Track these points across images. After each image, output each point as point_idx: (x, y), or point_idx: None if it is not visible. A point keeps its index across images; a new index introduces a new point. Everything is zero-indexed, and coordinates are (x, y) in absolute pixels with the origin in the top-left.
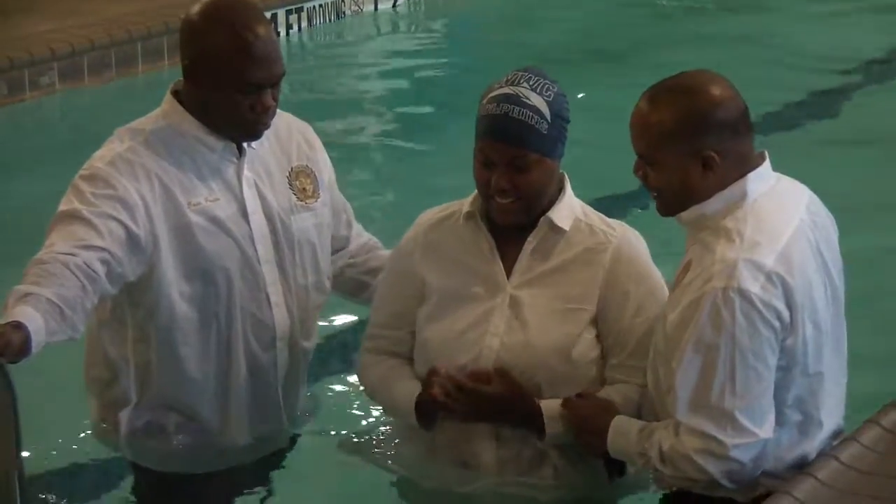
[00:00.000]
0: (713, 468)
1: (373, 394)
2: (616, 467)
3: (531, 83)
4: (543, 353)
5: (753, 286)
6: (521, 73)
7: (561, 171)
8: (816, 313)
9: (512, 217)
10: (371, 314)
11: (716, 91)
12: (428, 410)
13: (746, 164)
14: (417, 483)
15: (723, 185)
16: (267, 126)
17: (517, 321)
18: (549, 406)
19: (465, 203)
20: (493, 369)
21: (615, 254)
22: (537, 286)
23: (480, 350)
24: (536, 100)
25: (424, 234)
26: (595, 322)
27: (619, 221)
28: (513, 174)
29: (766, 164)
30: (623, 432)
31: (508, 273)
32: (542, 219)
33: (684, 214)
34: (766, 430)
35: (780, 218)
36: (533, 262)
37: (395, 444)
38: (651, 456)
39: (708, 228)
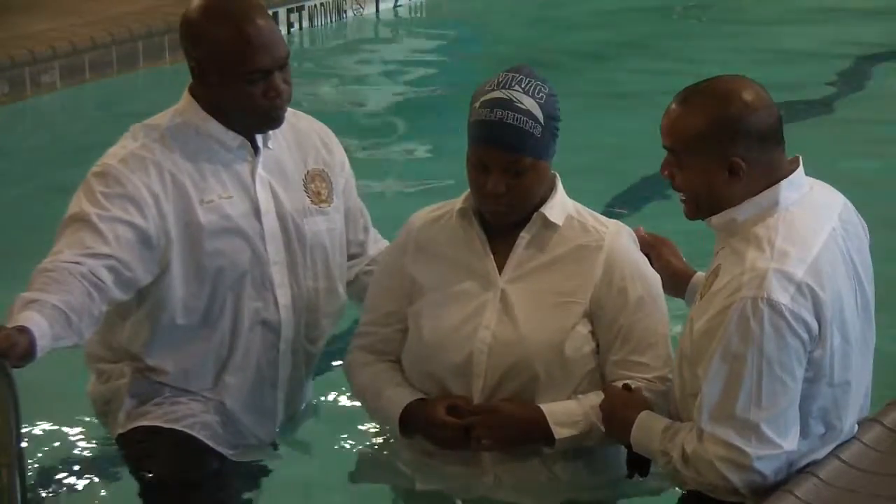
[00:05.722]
0: (735, 478)
1: (359, 395)
2: (637, 466)
3: (523, 85)
4: (536, 347)
5: (783, 297)
6: (512, 75)
7: (553, 171)
8: (845, 324)
9: (505, 217)
10: (362, 311)
11: (749, 98)
12: (414, 425)
13: (776, 173)
14: (418, 487)
15: (749, 193)
16: (284, 110)
17: (508, 315)
18: (553, 410)
19: (458, 201)
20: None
21: (610, 251)
22: (529, 280)
23: (473, 345)
24: (529, 103)
25: (416, 234)
26: (588, 317)
27: (612, 220)
28: (508, 178)
29: (800, 170)
30: (647, 428)
31: (500, 268)
32: (535, 214)
33: (714, 219)
34: (790, 442)
35: (811, 227)
36: (526, 256)
37: (395, 445)
38: (673, 456)
39: (738, 235)
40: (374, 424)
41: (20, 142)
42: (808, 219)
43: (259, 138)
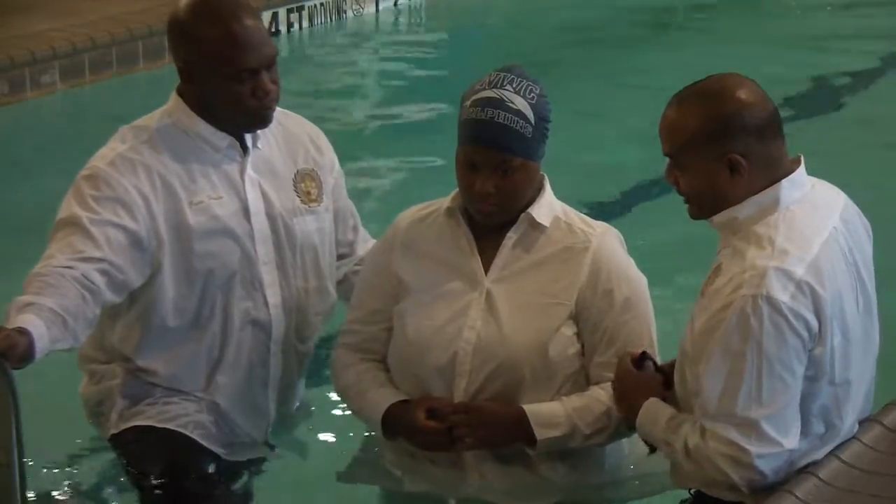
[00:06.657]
0: (736, 475)
1: (343, 395)
2: None
3: (514, 85)
4: (520, 347)
5: (783, 295)
6: (503, 75)
7: (541, 171)
8: (845, 322)
9: (493, 217)
10: (349, 309)
11: (742, 94)
12: (396, 427)
13: (778, 169)
14: (407, 487)
15: (752, 190)
16: (272, 110)
17: (493, 315)
18: (535, 411)
19: (446, 200)
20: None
21: (596, 253)
22: (515, 281)
23: (458, 345)
24: (520, 103)
25: (403, 233)
26: (574, 318)
27: (599, 222)
28: (497, 178)
29: (801, 169)
30: (653, 415)
31: (487, 268)
32: (522, 215)
33: (716, 218)
34: (791, 440)
35: (812, 225)
36: (512, 256)
37: (381, 446)
38: (676, 448)
39: (739, 233)
40: (360, 424)
41: (20, 142)
42: (810, 217)
43: (248, 138)
